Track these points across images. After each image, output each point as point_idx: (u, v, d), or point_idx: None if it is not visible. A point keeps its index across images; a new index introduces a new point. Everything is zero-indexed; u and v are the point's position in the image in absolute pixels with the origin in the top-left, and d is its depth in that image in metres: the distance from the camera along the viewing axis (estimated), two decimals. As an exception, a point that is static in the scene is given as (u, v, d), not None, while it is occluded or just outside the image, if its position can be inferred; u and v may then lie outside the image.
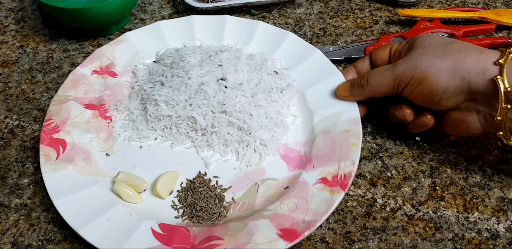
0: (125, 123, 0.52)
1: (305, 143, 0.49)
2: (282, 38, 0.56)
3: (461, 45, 0.42)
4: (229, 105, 0.48)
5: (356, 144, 0.46)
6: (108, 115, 0.52)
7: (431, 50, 0.43)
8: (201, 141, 0.49)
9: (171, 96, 0.50)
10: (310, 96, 0.52)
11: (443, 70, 0.41)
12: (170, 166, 0.48)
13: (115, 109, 0.53)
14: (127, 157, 0.49)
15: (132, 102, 0.53)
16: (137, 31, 0.57)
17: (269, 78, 0.53)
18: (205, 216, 0.44)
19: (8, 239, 0.44)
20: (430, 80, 0.41)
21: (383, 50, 0.49)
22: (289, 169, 0.48)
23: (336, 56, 0.58)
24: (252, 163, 0.48)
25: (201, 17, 0.58)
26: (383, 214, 0.46)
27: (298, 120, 0.52)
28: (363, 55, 0.58)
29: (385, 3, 0.67)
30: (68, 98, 0.51)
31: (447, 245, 0.43)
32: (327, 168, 0.45)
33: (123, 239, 0.41)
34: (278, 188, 0.46)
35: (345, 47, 0.59)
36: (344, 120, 0.48)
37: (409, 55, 0.44)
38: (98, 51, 0.55)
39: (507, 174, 0.48)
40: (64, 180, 0.45)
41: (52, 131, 0.49)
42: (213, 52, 0.54)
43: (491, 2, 0.66)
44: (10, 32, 0.64)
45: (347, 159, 0.45)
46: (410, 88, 0.43)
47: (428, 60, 0.42)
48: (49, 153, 0.47)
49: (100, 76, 0.54)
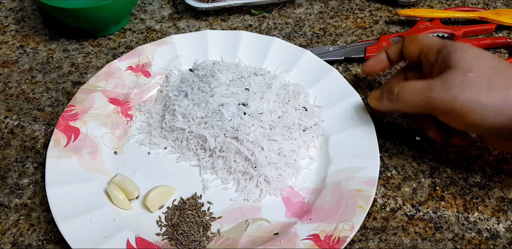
0: (142, 125, 0.52)
1: (313, 190, 0.46)
2: (324, 74, 0.53)
3: (507, 76, 0.38)
4: (242, 132, 0.46)
5: (363, 208, 0.42)
6: (130, 113, 0.52)
7: (474, 79, 0.38)
8: (206, 162, 0.48)
9: (190, 109, 0.48)
10: (334, 142, 0.48)
11: (488, 108, 0.37)
12: (169, 180, 0.47)
13: (138, 109, 0.53)
14: (132, 160, 0.49)
15: (156, 106, 0.53)
16: (182, 35, 0.57)
17: (295, 114, 0.50)
18: (184, 242, 0.42)
19: (8, 239, 0.44)
20: (473, 117, 0.38)
21: (415, 47, 0.45)
22: (286, 215, 0.44)
23: (336, 56, 0.58)
24: (250, 198, 0.46)
25: (250, 34, 0.56)
26: (383, 214, 0.46)
27: (313, 164, 0.48)
28: (363, 55, 0.58)
29: (385, 3, 0.67)
30: (97, 88, 0.52)
31: (447, 245, 0.43)
32: (324, 225, 0.41)
33: (96, 243, 0.40)
34: (268, 232, 0.43)
35: (345, 47, 0.59)
36: (360, 178, 0.44)
37: (447, 79, 0.39)
38: (140, 48, 0.55)
39: (507, 174, 0.48)
40: (64, 169, 0.45)
41: (70, 118, 0.49)
42: (246, 74, 0.52)
43: (491, 2, 0.66)
44: (10, 32, 0.64)
45: (348, 222, 0.41)
46: (447, 118, 0.40)
47: (471, 94, 0.37)
48: (60, 139, 0.47)
49: (134, 73, 0.54)
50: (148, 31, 0.63)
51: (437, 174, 0.48)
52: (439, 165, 0.49)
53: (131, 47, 0.61)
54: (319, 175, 0.47)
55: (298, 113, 0.50)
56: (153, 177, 0.48)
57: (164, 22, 0.65)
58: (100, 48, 0.61)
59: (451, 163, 0.49)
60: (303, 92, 0.52)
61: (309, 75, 0.53)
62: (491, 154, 0.50)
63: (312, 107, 0.51)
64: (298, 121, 0.49)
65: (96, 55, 0.61)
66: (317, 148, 0.49)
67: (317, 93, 0.52)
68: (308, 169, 0.48)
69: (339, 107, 0.50)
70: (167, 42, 0.56)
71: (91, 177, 0.46)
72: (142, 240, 0.42)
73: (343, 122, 0.49)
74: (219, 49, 0.56)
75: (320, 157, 0.48)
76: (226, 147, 0.46)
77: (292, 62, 0.55)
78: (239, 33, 0.57)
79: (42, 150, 0.51)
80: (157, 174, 0.48)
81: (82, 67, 0.59)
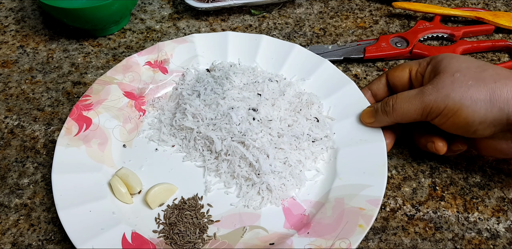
0: (154, 121, 0.52)
1: (315, 204, 0.45)
2: (341, 85, 0.51)
3: (493, 72, 0.40)
4: (249, 138, 0.45)
5: (363, 227, 0.41)
6: (143, 108, 0.53)
7: (462, 77, 0.40)
8: (211, 164, 0.47)
9: (200, 110, 0.48)
10: (343, 156, 0.47)
11: (479, 102, 0.38)
12: (173, 178, 0.47)
13: (151, 104, 0.53)
14: (140, 155, 0.49)
15: (169, 103, 0.53)
16: (204, 35, 0.57)
17: (305, 124, 0.48)
18: (178, 241, 0.42)
19: (8, 239, 0.44)
20: (466, 112, 0.39)
21: (402, 71, 0.46)
22: (284, 226, 0.44)
23: (335, 56, 0.58)
24: (250, 205, 0.45)
25: (271, 39, 0.56)
26: (383, 214, 0.46)
27: (319, 177, 0.47)
28: (362, 56, 0.58)
29: (385, 3, 0.67)
30: (114, 81, 0.52)
31: (447, 245, 0.43)
32: (321, 241, 0.41)
33: (93, 234, 0.41)
34: (264, 241, 0.43)
35: (344, 46, 0.59)
36: (364, 196, 0.43)
37: (438, 82, 0.41)
38: (160, 44, 0.55)
39: (507, 174, 0.48)
40: (71, 158, 0.46)
41: (84, 108, 0.49)
42: (261, 79, 0.51)
43: (491, 2, 0.66)
44: (10, 32, 0.64)
45: (345, 240, 0.40)
46: (442, 119, 0.41)
47: (461, 90, 0.39)
48: (72, 127, 0.48)
49: (151, 69, 0.55)
50: (148, 31, 0.63)
51: (437, 174, 0.48)
52: (439, 165, 0.49)
53: (131, 47, 0.61)
54: (323, 189, 0.46)
55: (309, 123, 0.49)
56: (157, 174, 0.48)
57: (164, 22, 0.65)
58: (100, 48, 0.61)
59: (451, 163, 0.49)
60: (316, 102, 0.51)
61: (326, 86, 0.52)
62: (491, 154, 0.50)
63: (324, 119, 0.50)
64: (308, 132, 0.48)
65: (96, 55, 0.61)
66: (325, 160, 0.48)
67: (332, 105, 0.51)
68: (313, 181, 0.47)
69: (352, 121, 0.49)
70: (188, 40, 0.56)
71: (97, 168, 0.46)
72: (138, 235, 0.42)
73: (354, 136, 0.48)
74: (238, 51, 0.56)
75: (326, 170, 0.47)
76: (232, 151, 0.46)
77: (310, 70, 0.54)
78: (260, 37, 0.56)
79: (42, 150, 0.51)
80: (162, 171, 0.48)
81: (82, 67, 0.59)
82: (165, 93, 0.54)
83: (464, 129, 0.40)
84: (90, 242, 0.40)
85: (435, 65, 0.43)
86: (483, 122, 0.39)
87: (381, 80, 0.49)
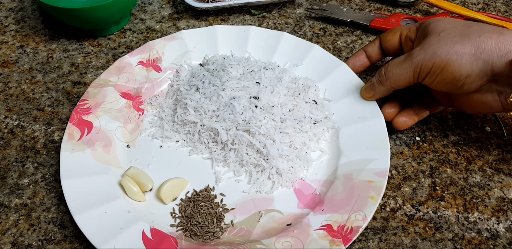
0: (154, 119, 0.52)
1: (324, 182, 0.47)
2: (333, 67, 0.53)
3: (478, 27, 0.42)
4: (254, 125, 0.46)
5: (374, 199, 0.42)
6: (141, 107, 0.53)
7: (448, 35, 0.42)
8: (218, 155, 0.48)
9: (202, 103, 0.49)
10: (345, 134, 0.49)
11: (465, 56, 0.40)
12: (182, 173, 0.48)
13: (149, 103, 0.53)
14: (145, 153, 0.50)
15: (167, 100, 0.53)
16: (192, 31, 0.57)
17: (305, 107, 0.50)
18: (198, 233, 0.43)
19: (8, 239, 0.44)
20: (453, 67, 0.41)
21: (393, 35, 0.49)
22: (298, 206, 0.45)
23: (344, 17, 0.61)
24: (262, 190, 0.46)
25: (259, 29, 0.57)
26: (383, 214, 0.46)
27: (324, 156, 0.49)
28: (367, 24, 0.60)
29: (385, 3, 0.67)
30: (108, 83, 0.52)
31: (447, 245, 0.43)
32: (336, 216, 0.42)
33: (113, 235, 0.41)
34: (281, 223, 0.44)
35: (358, 12, 0.63)
36: (371, 169, 0.45)
37: (425, 43, 0.43)
38: (150, 43, 0.55)
39: (507, 174, 0.48)
40: (78, 162, 0.46)
41: (83, 112, 0.49)
42: (256, 68, 0.52)
43: (491, 2, 0.66)
44: (10, 32, 0.64)
45: (360, 212, 0.42)
46: (431, 77, 0.43)
47: (447, 47, 0.41)
48: (73, 132, 0.48)
49: (144, 68, 0.55)
50: (148, 31, 0.63)
51: (437, 174, 0.48)
52: (439, 165, 0.49)
53: (131, 47, 0.61)
54: (330, 167, 0.47)
55: (308, 106, 0.50)
56: (166, 170, 0.48)
57: (164, 22, 0.65)
58: (100, 48, 0.61)
59: (451, 163, 0.49)
60: (312, 86, 0.52)
61: (318, 69, 0.54)
62: (491, 154, 0.50)
63: (322, 101, 0.52)
64: (309, 114, 0.49)
65: (96, 55, 0.61)
66: (328, 140, 0.50)
67: (327, 87, 0.53)
68: (319, 161, 0.48)
69: (348, 100, 0.51)
70: (177, 37, 0.56)
71: (105, 170, 0.46)
72: (157, 231, 0.42)
73: (352, 115, 0.50)
74: (229, 44, 0.57)
75: (330, 149, 0.49)
76: (238, 140, 0.47)
77: (301, 56, 0.55)
78: (248, 28, 0.57)
79: (42, 150, 0.51)
80: (170, 167, 0.49)
81: (82, 67, 0.59)
82: (161, 90, 0.55)
83: (452, 84, 0.42)
84: (111, 242, 0.40)
85: (423, 29, 0.45)
86: (470, 75, 0.41)
87: (375, 43, 0.51)
